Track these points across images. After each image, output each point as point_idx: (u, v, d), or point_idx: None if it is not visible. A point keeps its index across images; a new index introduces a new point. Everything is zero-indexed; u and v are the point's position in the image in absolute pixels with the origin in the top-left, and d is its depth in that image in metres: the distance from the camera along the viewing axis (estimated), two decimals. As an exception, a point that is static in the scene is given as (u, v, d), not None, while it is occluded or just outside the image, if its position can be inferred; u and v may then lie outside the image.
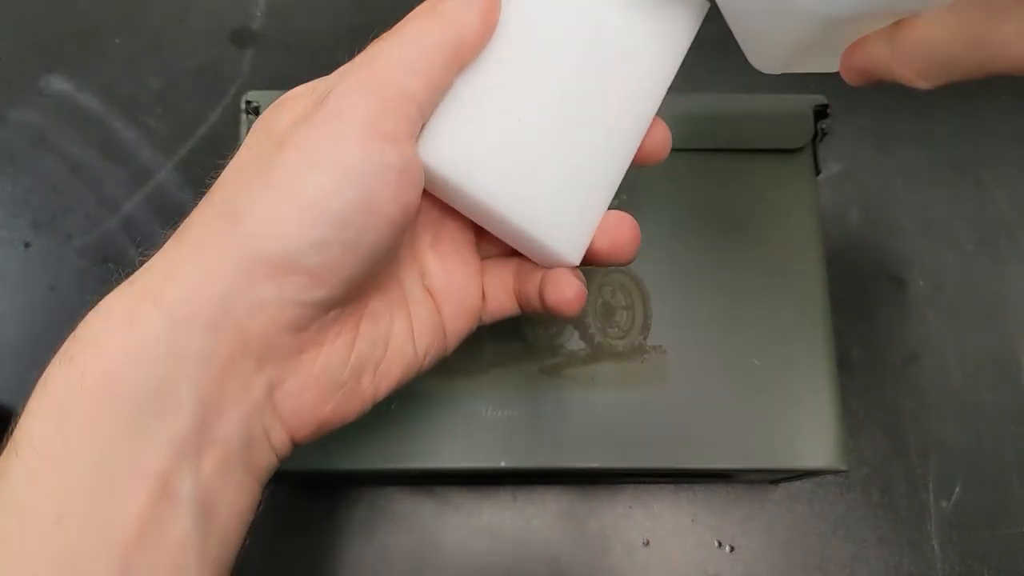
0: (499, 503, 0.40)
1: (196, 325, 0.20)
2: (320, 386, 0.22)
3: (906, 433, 0.41)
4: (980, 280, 0.44)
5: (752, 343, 0.33)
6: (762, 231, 0.35)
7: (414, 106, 0.21)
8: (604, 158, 0.24)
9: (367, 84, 0.21)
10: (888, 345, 0.43)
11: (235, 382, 0.20)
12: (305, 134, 0.21)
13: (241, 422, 0.21)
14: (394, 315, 0.24)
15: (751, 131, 0.36)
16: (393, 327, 0.24)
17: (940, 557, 0.39)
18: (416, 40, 0.22)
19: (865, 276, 0.45)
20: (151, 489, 0.19)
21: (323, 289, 0.21)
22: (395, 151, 0.21)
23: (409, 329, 0.25)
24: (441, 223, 0.26)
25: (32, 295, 0.43)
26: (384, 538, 0.39)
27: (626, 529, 0.39)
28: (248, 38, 0.48)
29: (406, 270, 0.25)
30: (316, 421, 0.23)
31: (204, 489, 0.20)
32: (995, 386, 0.42)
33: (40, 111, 0.47)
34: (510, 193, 0.23)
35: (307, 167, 0.20)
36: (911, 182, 0.47)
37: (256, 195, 0.20)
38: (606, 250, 0.25)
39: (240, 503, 0.21)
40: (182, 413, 0.19)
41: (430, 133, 0.23)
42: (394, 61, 0.21)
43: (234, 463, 0.21)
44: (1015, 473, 0.40)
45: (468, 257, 0.26)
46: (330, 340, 0.22)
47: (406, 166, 0.21)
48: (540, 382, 0.32)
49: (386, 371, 0.24)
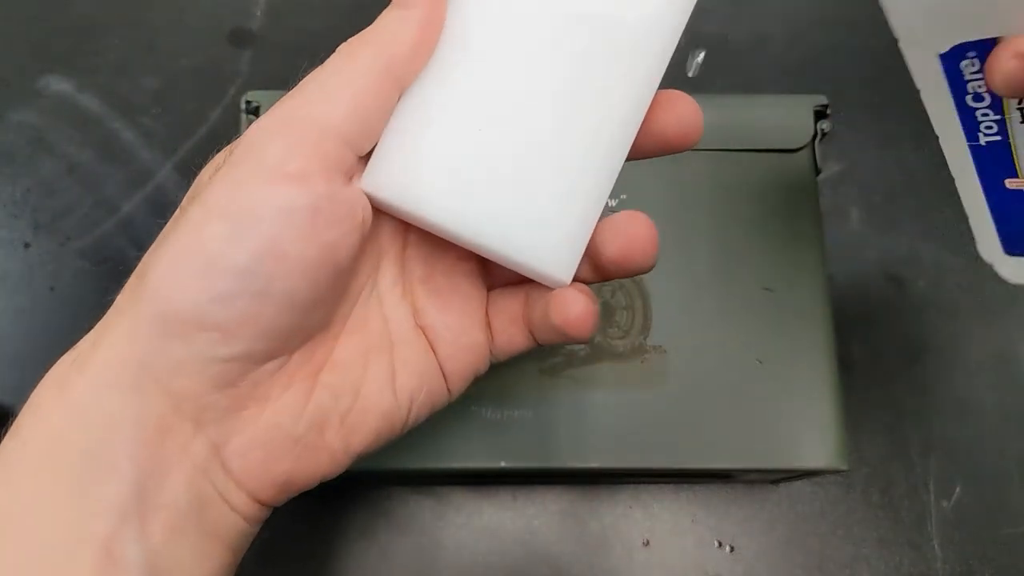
0: (499, 503, 0.40)
1: (121, 390, 0.19)
2: (270, 443, 0.21)
3: (907, 433, 0.41)
4: (980, 280, 0.44)
5: (752, 343, 0.33)
6: (762, 231, 0.35)
7: (333, 139, 0.20)
8: (588, 162, 0.22)
9: (278, 122, 0.20)
10: (888, 345, 0.43)
11: (173, 444, 0.20)
12: (212, 184, 0.20)
13: (186, 485, 0.20)
14: (369, 361, 0.23)
15: (751, 131, 0.36)
16: (366, 374, 0.23)
17: (940, 557, 0.39)
18: (341, 67, 0.20)
19: (865, 276, 0.45)
20: (95, 555, 0.18)
21: (240, 343, 0.20)
22: (303, 191, 0.19)
23: (389, 375, 0.23)
24: (434, 255, 0.24)
25: (32, 295, 0.43)
26: (384, 538, 0.39)
27: (626, 529, 0.39)
28: (247, 38, 0.48)
29: (393, 308, 0.24)
30: (273, 480, 0.21)
31: (153, 555, 0.19)
32: (996, 386, 0.42)
33: (39, 112, 0.47)
34: (475, 215, 0.21)
35: (205, 218, 0.19)
36: (911, 182, 0.47)
37: (162, 253, 0.20)
38: (619, 257, 0.22)
39: (200, 568, 0.20)
40: (121, 477, 0.19)
41: (376, 163, 0.21)
42: (313, 93, 0.20)
43: (187, 527, 0.20)
44: (1016, 473, 0.40)
45: (467, 290, 0.24)
46: (276, 394, 0.21)
47: (320, 203, 0.19)
48: (540, 382, 0.32)
49: (357, 423, 0.22)
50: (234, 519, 0.21)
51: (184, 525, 0.20)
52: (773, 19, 0.51)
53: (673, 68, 0.23)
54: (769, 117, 0.36)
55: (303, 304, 0.20)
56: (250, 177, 0.19)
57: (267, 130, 0.20)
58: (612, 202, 0.35)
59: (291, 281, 0.20)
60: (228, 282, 0.19)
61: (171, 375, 0.19)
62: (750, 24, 0.50)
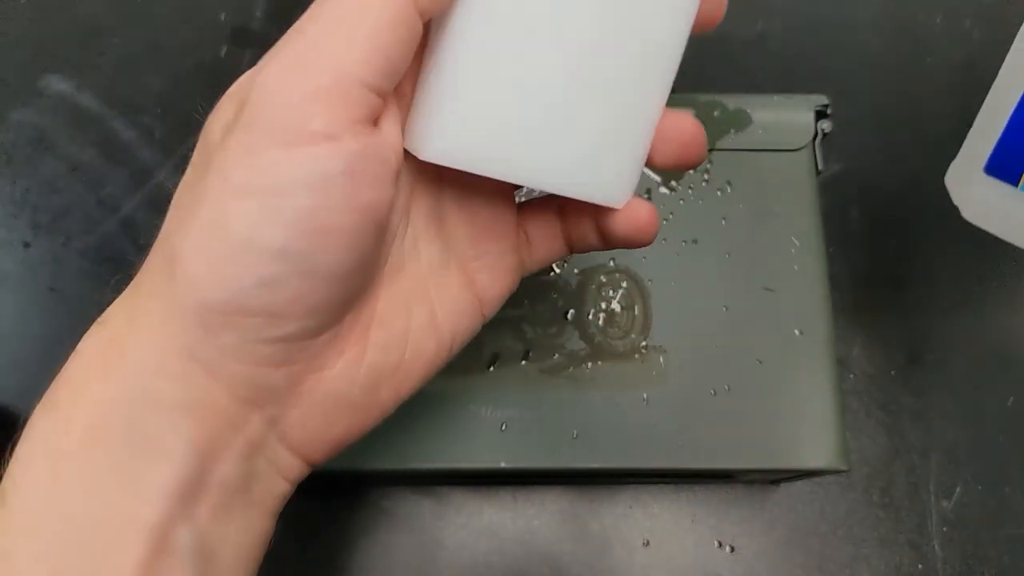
0: (499, 503, 0.40)
1: (167, 376, 0.18)
2: (329, 411, 0.20)
3: (907, 433, 0.41)
4: (980, 280, 0.44)
5: (752, 343, 0.33)
6: (762, 231, 0.35)
7: (358, 87, 0.17)
8: (636, 88, 0.21)
9: (288, 72, 0.17)
10: (888, 345, 0.43)
11: (227, 425, 0.19)
12: (225, 150, 0.18)
13: (238, 462, 0.19)
14: (411, 308, 0.22)
15: (751, 131, 0.36)
16: (411, 323, 0.21)
17: (941, 557, 0.39)
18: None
19: (865, 276, 0.45)
20: (147, 542, 0.17)
21: (290, 323, 0.18)
22: (334, 153, 0.17)
23: (431, 318, 0.22)
24: (466, 185, 0.22)
25: (32, 295, 0.43)
26: (384, 538, 0.39)
27: (626, 529, 0.39)
28: (248, 38, 0.48)
29: (428, 245, 0.22)
30: (328, 441, 0.21)
31: (202, 536, 0.18)
32: (995, 386, 0.42)
33: (39, 111, 0.47)
34: (530, 161, 0.20)
35: (229, 194, 0.17)
36: (911, 182, 0.47)
37: (188, 233, 0.18)
38: (675, 159, 0.22)
39: (245, 542, 0.20)
40: (173, 462, 0.18)
41: (418, 120, 0.20)
42: (325, 30, 0.17)
43: (234, 503, 0.19)
44: (1016, 473, 0.40)
45: (500, 213, 0.23)
46: (331, 362, 0.20)
47: (355, 165, 0.18)
48: (540, 382, 0.32)
49: (407, 372, 0.22)
50: (280, 485, 0.21)
51: (231, 501, 0.19)
52: (773, 18, 0.51)
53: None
54: (769, 117, 0.36)
55: (350, 272, 0.19)
56: (269, 141, 0.17)
57: (279, 80, 0.17)
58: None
59: (335, 254, 0.18)
60: (266, 266, 0.17)
61: (221, 362, 0.18)
62: (750, 23, 0.50)
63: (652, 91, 0.21)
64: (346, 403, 0.21)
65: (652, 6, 0.20)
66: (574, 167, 0.21)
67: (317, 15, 0.18)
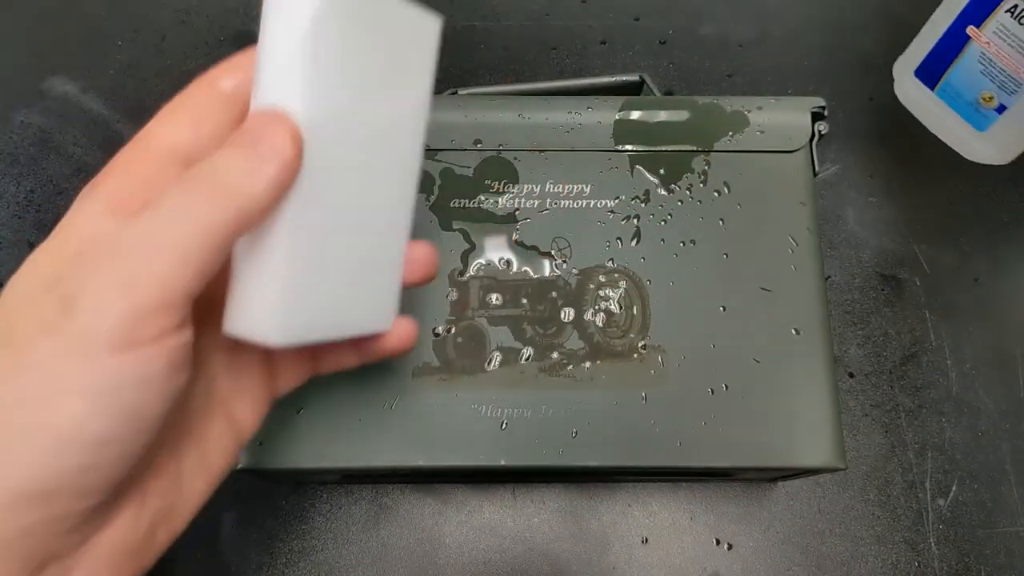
0: (499, 501, 0.40)
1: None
2: (113, 565, 0.21)
3: (903, 432, 0.41)
4: (978, 280, 0.44)
5: (751, 343, 0.33)
6: (760, 231, 0.35)
7: (180, 296, 0.19)
8: (391, 233, 0.25)
9: (118, 285, 0.19)
10: (886, 344, 0.43)
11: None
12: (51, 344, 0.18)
13: None
14: (181, 451, 0.23)
15: (748, 133, 0.36)
16: (183, 466, 0.23)
17: (937, 555, 0.39)
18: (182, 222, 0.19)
19: (863, 276, 0.45)
20: None
21: (95, 496, 0.19)
22: (159, 354, 0.19)
23: (202, 456, 0.24)
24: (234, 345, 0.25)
25: (36, 295, 0.43)
26: (385, 536, 0.39)
27: (625, 527, 0.40)
28: (249, 41, 0.49)
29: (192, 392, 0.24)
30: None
31: None
32: (992, 385, 0.42)
33: (44, 113, 0.47)
34: (321, 321, 0.23)
35: (57, 391, 0.18)
36: (909, 182, 0.47)
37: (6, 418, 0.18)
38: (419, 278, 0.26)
39: None
40: None
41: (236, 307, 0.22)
42: (155, 252, 0.19)
43: None
44: (1011, 472, 0.41)
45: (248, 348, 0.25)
46: (114, 518, 0.21)
47: (174, 359, 0.19)
48: (540, 381, 0.33)
49: (181, 511, 0.23)
50: None
51: None
52: (772, 20, 0.51)
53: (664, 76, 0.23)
54: (766, 119, 0.36)
55: (150, 444, 0.20)
56: (100, 348, 0.18)
57: (107, 295, 0.18)
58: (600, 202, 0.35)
59: (148, 434, 0.20)
60: (87, 455, 0.18)
61: (20, 541, 0.19)
62: (749, 25, 0.50)
63: (402, 240, 0.26)
64: (131, 552, 0.21)
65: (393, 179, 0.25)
66: (353, 313, 0.25)
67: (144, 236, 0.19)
